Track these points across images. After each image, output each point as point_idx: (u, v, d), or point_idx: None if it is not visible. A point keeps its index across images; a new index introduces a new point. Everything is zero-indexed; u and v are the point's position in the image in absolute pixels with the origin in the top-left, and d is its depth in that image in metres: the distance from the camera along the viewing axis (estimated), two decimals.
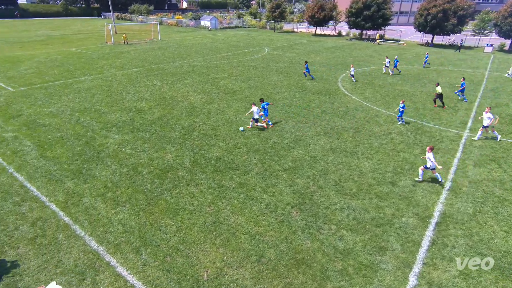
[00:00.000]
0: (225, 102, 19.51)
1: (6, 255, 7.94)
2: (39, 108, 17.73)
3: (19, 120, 16.07)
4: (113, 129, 15.25)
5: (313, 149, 13.81)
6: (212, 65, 29.91)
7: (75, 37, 48.21)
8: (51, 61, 29.97)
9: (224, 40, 48.35)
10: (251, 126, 15.75)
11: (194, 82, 23.83)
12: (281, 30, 65.44)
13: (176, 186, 10.90)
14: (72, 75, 25.17)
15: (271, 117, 17.11)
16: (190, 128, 15.65)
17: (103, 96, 20.04)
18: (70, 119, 16.37)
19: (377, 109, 19.10)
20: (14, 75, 24.74)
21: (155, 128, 15.56)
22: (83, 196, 10.24)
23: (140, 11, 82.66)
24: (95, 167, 11.89)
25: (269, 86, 23.40)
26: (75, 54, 34.02)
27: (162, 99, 19.72)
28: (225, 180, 11.32)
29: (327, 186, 11.16)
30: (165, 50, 37.96)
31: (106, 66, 28.29)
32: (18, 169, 11.65)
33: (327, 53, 38.50)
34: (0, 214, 9.34)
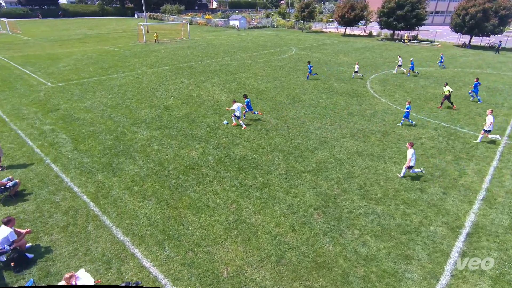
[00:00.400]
0: (251, 102, 19.56)
1: (40, 241, 8.43)
2: (75, 103, 18.66)
3: (56, 114, 17.00)
4: (142, 125, 15.76)
5: (338, 151, 13.56)
6: (239, 65, 30.12)
7: (110, 35, 50.31)
8: (87, 59, 31.45)
9: (251, 39, 48.56)
10: (235, 122, 15.80)
11: (221, 81, 24.12)
12: (309, 30, 64.76)
13: (200, 183, 11.09)
14: (106, 72, 26.28)
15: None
16: (216, 126, 15.86)
17: (134, 93, 20.76)
18: (102, 114, 17.10)
19: None
20: (54, 71, 26.20)
21: (181, 125, 15.91)
22: (112, 188, 10.66)
23: (172, 11, 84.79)
24: (124, 161, 12.35)
25: (295, 86, 23.23)
26: (109, 52, 35.49)
27: (189, 97, 20.12)
28: (248, 179, 11.37)
29: (352, 189, 10.91)
30: (194, 49, 38.70)
31: (138, 64, 29.28)
32: (54, 160, 12.34)
33: (356, 54, 37.64)
34: (37, 202, 9.94)
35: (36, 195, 10.25)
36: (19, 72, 25.74)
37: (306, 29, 65.10)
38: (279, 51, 38.29)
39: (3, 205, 9.79)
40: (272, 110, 18.26)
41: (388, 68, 29.84)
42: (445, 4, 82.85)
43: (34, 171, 11.56)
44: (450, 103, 19.05)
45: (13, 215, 9.19)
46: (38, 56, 32.34)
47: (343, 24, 56.31)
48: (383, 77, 26.45)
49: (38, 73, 25.33)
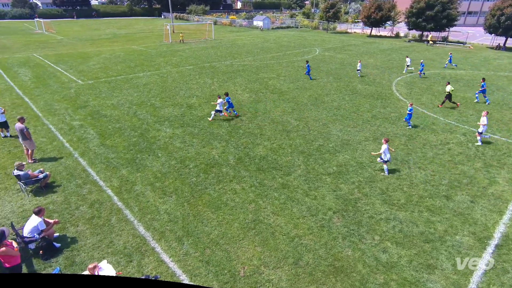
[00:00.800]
0: (272, 102, 19.57)
1: (67, 231, 8.81)
2: (103, 100, 19.37)
3: (85, 110, 17.71)
4: (165, 123, 16.13)
5: (360, 154, 13.29)
6: (262, 65, 30.17)
7: (137, 35, 51.83)
8: (115, 58, 32.56)
9: (275, 40, 48.51)
10: (211, 119, 16.44)
11: (243, 81, 24.25)
12: (334, 31, 63.85)
13: (219, 181, 11.20)
14: (133, 70, 27.09)
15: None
16: (237, 126, 15.96)
17: (158, 92, 21.27)
18: (128, 111, 17.64)
19: (435, 116, 17.79)
20: (84, 69, 27.32)
21: (203, 124, 16.14)
22: (135, 184, 10.98)
23: (197, 11, 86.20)
24: (147, 158, 12.68)
25: (318, 87, 22.98)
26: (136, 51, 36.58)
27: (211, 97, 20.38)
28: (268, 179, 11.37)
29: (373, 194, 10.66)
30: (218, 49, 39.15)
31: (163, 64, 29.98)
32: (82, 154, 12.86)
33: (382, 55, 36.73)
34: (65, 194, 10.40)
35: (65, 187, 10.72)
36: (53, 69, 27.03)
37: (331, 30, 64.23)
38: (303, 51, 38.01)
39: (34, 195, 10.32)
40: (293, 111, 18.16)
41: (415, 70, 28.89)
42: (479, 4, 79.17)
43: (63, 165, 12.10)
44: (452, 102, 19.16)
45: (43, 205, 9.66)
46: (70, 55, 33.83)
47: (369, 24, 55.09)
48: (409, 80, 25.66)
49: (69, 71, 26.49)
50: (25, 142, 11.98)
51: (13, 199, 10.12)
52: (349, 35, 57.92)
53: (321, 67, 29.47)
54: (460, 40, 50.25)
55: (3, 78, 24.05)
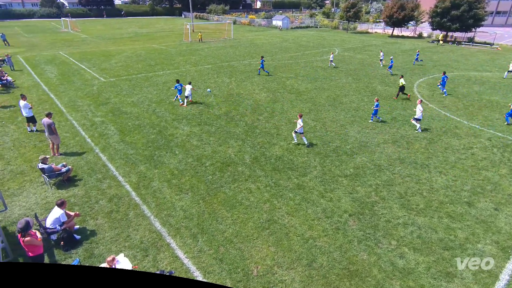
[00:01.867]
0: (290, 102, 19.50)
1: (87, 224, 9.09)
2: (123, 98, 19.85)
3: (107, 107, 18.21)
4: (183, 121, 16.36)
5: (379, 157, 13.03)
6: (280, 65, 30.09)
7: (158, 34, 52.80)
8: (136, 56, 33.30)
9: (294, 40, 48.25)
10: (186, 104, 18.42)
11: (261, 81, 24.26)
12: (354, 31, 62.86)
13: (235, 180, 11.26)
14: (153, 69, 27.63)
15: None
16: (253, 125, 16.00)
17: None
18: (147, 109, 18.01)
19: (458, 119, 17.22)
20: (106, 67, 28.09)
21: (220, 122, 16.27)
22: (153, 180, 11.20)
23: (217, 11, 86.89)
24: (165, 155, 12.90)
25: (336, 88, 22.70)
26: (156, 50, 37.27)
27: (229, 96, 20.51)
28: (283, 179, 11.33)
29: (391, 198, 10.43)
30: (236, 48, 39.33)
31: (182, 62, 30.41)
32: (103, 150, 13.23)
33: (404, 56, 35.85)
34: (85, 188, 10.74)
35: (85, 181, 11.07)
36: (77, 67, 27.94)
37: (351, 30, 63.26)
38: (322, 51, 37.63)
39: (57, 188, 10.70)
40: (311, 111, 18.02)
41: (438, 72, 28.05)
42: (508, 3, 75.87)
43: (85, 159, 12.49)
44: (404, 93, 20.36)
45: (65, 198, 10.00)
46: (93, 53, 34.88)
47: (391, 24, 53.90)
48: (432, 81, 24.94)
49: (92, 69, 27.31)
50: (52, 136, 12.45)
51: (37, 191, 10.53)
52: (369, 35, 56.87)
53: (340, 68, 29.08)
54: (487, 41, 48.34)
55: (30, 75, 25.07)
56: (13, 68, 26.62)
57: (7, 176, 11.31)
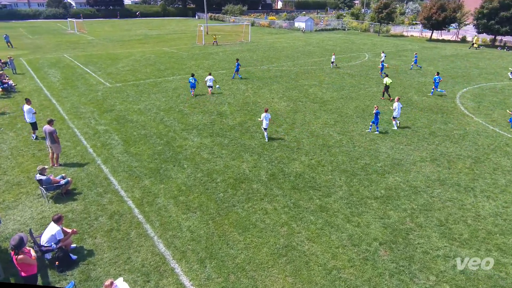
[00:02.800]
0: (313, 113, 19.46)
1: (85, 243, 9.24)
2: (129, 105, 20.39)
3: (111, 114, 18.73)
4: (193, 131, 16.59)
5: (415, 177, 12.72)
6: (302, 71, 30.24)
7: (169, 37, 54.37)
8: (145, 60, 34.32)
9: (318, 43, 48.54)
10: None
11: (281, 88, 24.41)
12: (387, 34, 62.68)
13: (249, 199, 11.22)
14: (162, 74, 28.35)
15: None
16: (271, 137, 16.01)
17: (188, 97, 22.00)
18: (155, 117, 18.40)
19: (509, 136, 16.66)
20: (112, 71, 29.05)
21: (234, 134, 16.38)
22: (158, 196, 11.32)
23: (233, 12, 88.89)
24: (172, 169, 13.06)
25: (366, 97, 22.53)
26: (167, 53, 38.31)
27: (245, 104, 20.70)
28: (303, 200, 11.21)
29: (429, 225, 10.10)
30: (254, 52, 39.90)
31: (194, 67, 31.08)
32: (105, 161, 13.55)
33: (445, 62, 35.33)
34: (85, 202, 10.96)
35: (85, 195, 11.31)
36: (81, 71, 29.04)
37: (383, 33, 63.12)
38: (350, 56, 37.63)
39: (54, 202, 10.98)
40: (336, 123, 17.91)
41: (485, 80, 27.42)
42: None
43: (86, 171, 12.81)
44: (387, 94, 21.99)
45: (63, 213, 10.23)
46: (99, 56, 36.22)
47: (429, 27, 53.42)
48: (477, 91, 24.37)
49: (98, 73, 28.31)
50: (53, 145, 12.88)
51: (34, 204, 10.84)
52: (404, 39, 56.52)
53: (371, 75, 28.91)
54: None
55: (33, 79, 26.23)
56: (15, 71, 27.95)
57: (3, 187, 11.72)
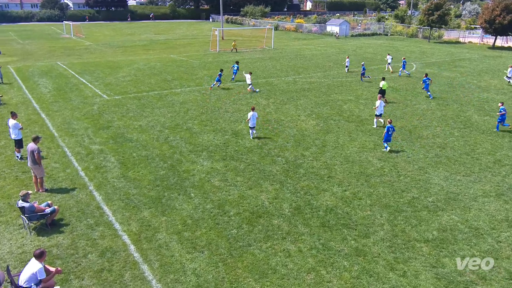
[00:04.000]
0: (348, 134, 19.36)
1: (70, 285, 9.29)
2: (129, 121, 20.90)
3: (108, 132, 19.21)
4: (203, 154, 16.74)
5: (476, 216, 12.31)
6: (335, 83, 30.34)
7: (178, 42, 56.04)
8: (150, 69, 35.36)
9: (355, 50, 48.84)
10: None
11: (309, 104, 24.49)
12: (439, 40, 62.55)
13: (268, 237, 11.09)
14: (169, 85, 29.06)
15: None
16: (297, 163, 15.96)
17: (198, 113, 22.38)
18: (158, 136, 18.73)
19: None
20: (111, 81, 30.02)
21: (252, 158, 16.42)
22: (159, 230, 11.35)
23: (254, 14, 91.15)
24: (177, 198, 13.13)
25: (413, 116, 22.28)
26: (175, 61, 39.39)
27: (265, 122, 20.82)
28: (335, 241, 11.00)
29: (496, 278, 9.65)
30: (278, 61, 40.47)
31: (206, 78, 31.75)
32: (98, 187, 13.79)
33: None
34: (73, 236, 11.11)
35: (73, 227, 11.47)
36: (76, 81, 30.16)
37: (435, 39, 63.01)
38: (393, 66, 37.60)
39: (37, 234, 11.18)
40: (377, 147, 17.71)
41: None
42: None
43: (75, 198, 13.04)
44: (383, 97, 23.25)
45: (46, 248, 10.38)
46: (97, 64, 37.61)
47: (492, 32, 53.01)
48: None
49: (95, 83, 29.31)
50: (34, 167, 13.22)
51: (13, 236, 11.06)
52: (461, 46, 56.16)
53: (418, 88, 28.69)
54: None
55: (21, 90, 27.41)
56: (1, 80, 29.30)
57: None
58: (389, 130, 16.97)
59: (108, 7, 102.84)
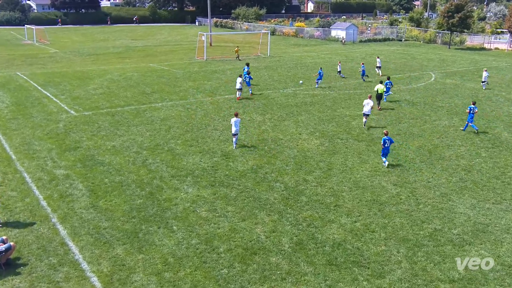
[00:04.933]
0: (357, 155, 19.40)
1: None
2: (101, 141, 20.84)
3: (75, 154, 19.12)
4: (187, 179, 16.66)
5: (509, 251, 12.30)
6: (342, 96, 30.58)
7: (159, 49, 56.49)
8: (125, 80, 35.51)
9: (364, 58, 49.41)
10: None
11: (312, 120, 24.61)
12: (461, 46, 63.50)
13: (265, 278, 10.98)
14: (148, 99, 29.13)
15: None
16: (298, 189, 15.92)
17: (182, 131, 22.38)
18: (135, 158, 18.66)
19: None
20: (80, 95, 30.06)
21: (245, 183, 16.36)
22: (134, 271, 11.18)
23: (247, 16, 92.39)
24: (156, 232, 12.99)
25: (434, 133, 22.42)
26: (155, 71, 39.61)
27: (261, 141, 20.85)
28: (344, 281, 10.91)
29: None
30: (275, 70, 40.82)
31: (192, 90, 31.90)
32: (63, 219, 13.62)
33: None
34: (31, 278, 10.89)
35: (32, 267, 11.26)
36: (38, 94, 30.17)
37: (456, 44, 63.99)
38: (409, 77, 38.04)
39: None
40: (392, 171, 17.74)
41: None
42: None
43: (35, 233, 12.85)
44: (377, 103, 26.76)
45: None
46: (64, 74, 37.72)
47: None
48: None
49: (60, 97, 29.32)
50: None
51: None
52: (486, 53, 57.06)
53: (439, 102, 28.96)
54: None
55: None
56: None
57: None
58: (386, 142, 17.39)
59: (78, 9, 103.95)
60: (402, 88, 33.20)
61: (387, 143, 17.52)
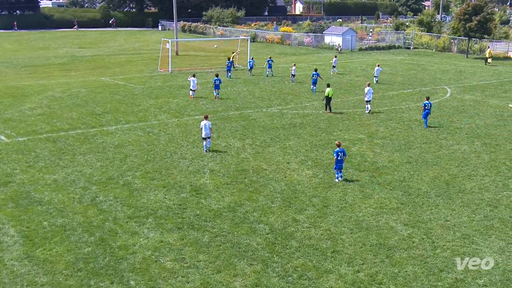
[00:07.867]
0: (359, 188, 19.48)
1: None
2: (39, 173, 20.54)
3: (5, 190, 18.78)
4: (148, 221, 16.47)
5: None
6: (339, 116, 30.82)
7: (113, 59, 56.47)
8: (70, 97, 35.28)
9: (365, 70, 50.10)
10: None
11: (302, 145, 24.71)
12: (481, 55, 64.68)
13: None
14: (98, 121, 28.95)
15: None
16: (286, 232, 15.87)
17: (142, 161, 22.24)
18: (82, 195, 18.41)
19: None
20: (14, 117, 29.72)
21: (221, 225, 16.24)
22: None
23: (222, 20, 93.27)
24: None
25: (451, 161, 22.69)
26: (108, 86, 39.49)
27: (240, 173, 20.82)
28: None
29: None
30: (256, 85, 41.08)
31: (154, 109, 31.83)
32: None
33: None
34: None
35: None
36: None
37: (475, 53, 65.12)
38: (419, 92, 38.65)
39: None
40: (402, 207, 17.84)
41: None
42: None
43: None
44: (329, 108, 31.30)
45: None
46: None
47: None
48: None
49: None
50: None
51: None
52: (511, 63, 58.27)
53: (456, 121, 29.42)
54: None
55: None
56: None
57: None
58: (338, 155, 18.27)
59: (11, 10, 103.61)
60: (412, 106, 33.63)
61: (340, 155, 18.40)
